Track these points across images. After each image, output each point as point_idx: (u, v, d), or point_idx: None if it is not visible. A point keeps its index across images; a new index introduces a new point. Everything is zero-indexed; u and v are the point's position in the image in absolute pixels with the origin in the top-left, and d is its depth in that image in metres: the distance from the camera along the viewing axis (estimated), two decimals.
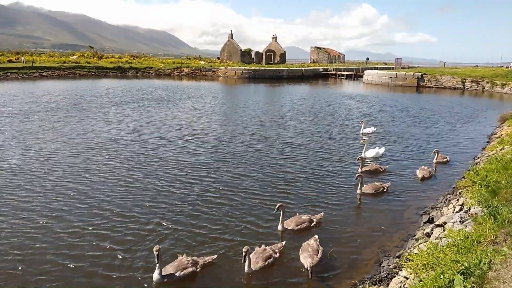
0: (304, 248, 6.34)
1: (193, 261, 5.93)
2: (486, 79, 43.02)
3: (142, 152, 12.87)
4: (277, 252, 6.36)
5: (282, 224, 7.44)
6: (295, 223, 7.49)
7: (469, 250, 4.69)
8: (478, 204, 6.49)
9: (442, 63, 71.68)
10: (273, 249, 6.41)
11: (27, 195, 8.79)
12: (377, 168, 11.38)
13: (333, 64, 79.05)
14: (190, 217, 7.86)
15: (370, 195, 9.30)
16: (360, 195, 9.28)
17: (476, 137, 16.91)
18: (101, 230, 7.19)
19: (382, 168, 11.41)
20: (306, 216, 7.69)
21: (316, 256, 6.08)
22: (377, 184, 9.60)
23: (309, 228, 7.48)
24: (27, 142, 13.74)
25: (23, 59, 51.40)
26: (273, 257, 6.25)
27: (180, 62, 67.44)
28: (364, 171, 10.85)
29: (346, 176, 10.84)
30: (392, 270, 5.62)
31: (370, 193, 9.33)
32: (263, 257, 6.14)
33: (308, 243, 6.46)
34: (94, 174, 10.44)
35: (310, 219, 7.61)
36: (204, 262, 6.07)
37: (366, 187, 9.44)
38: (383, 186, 9.58)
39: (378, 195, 9.34)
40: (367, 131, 17.15)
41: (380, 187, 9.50)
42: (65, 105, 22.94)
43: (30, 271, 5.81)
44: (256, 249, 6.37)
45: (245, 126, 18.15)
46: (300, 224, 7.49)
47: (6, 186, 9.30)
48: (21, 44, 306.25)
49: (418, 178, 10.67)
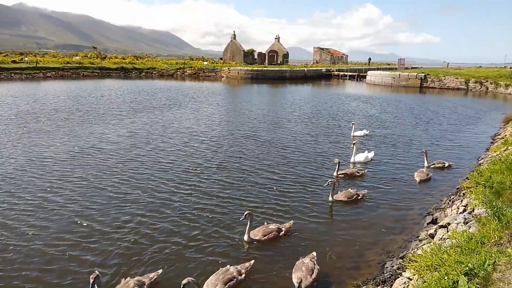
0: (298, 266, 5.76)
1: (139, 282, 5.33)
2: (490, 79, 42.86)
3: (132, 157, 12.49)
4: (242, 273, 5.60)
5: (249, 234, 6.86)
6: (262, 233, 6.94)
7: (473, 251, 4.68)
8: (482, 205, 6.46)
9: (446, 64, 71.41)
10: (239, 269, 5.62)
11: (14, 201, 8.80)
12: (354, 172, 10.87)
13: (336, 65, 78.95)
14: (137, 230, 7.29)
15: (343, 202, 8.78)
16: (332, 202, 8.79)
17: (480, 138, 16.85)
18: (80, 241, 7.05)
19: (360, 173, 10.92)
20: (274, 225, 7.19)
21: (309, 276, 5.52)
22: (351, 191, 9.04)
23: (277, 237, 6.96)
24: (25, 144, 13.80)
25: (27, 59, 51.60)
26: (237, 279, 5.47)
27: (183, 62, 67.50)
28: (339, 175, 10.62)
29: None
30: (396, 271, 5.61)
31: (343, 201, 8.79)
32: (223, 279, 5.39)
33: (303, 261, 5.85)
34: (81, 179, 10.44)
35: (278, 228, 7.09)
36: (150, 281, 5.45)
37: (339, 194, 8.95)
38: (358, 194, 9.02)
39: (353, 202, 8.84)
40: (358, 134, 16.52)
41: (354, 194, 8.93)
42: (67, 107, 23.04)
43: None
44: (219, 270, 5.63)
45: (242, 129, 17.66)
46: (268, 234, 6.95)
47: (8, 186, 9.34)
48: (24, 45, 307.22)
49: (416, 181, 10.52)
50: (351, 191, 9.07)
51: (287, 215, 8.16)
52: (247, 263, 5.92)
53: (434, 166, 11.76)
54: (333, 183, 8.83)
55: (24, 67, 47.05)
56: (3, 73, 43.54)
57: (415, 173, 10.85)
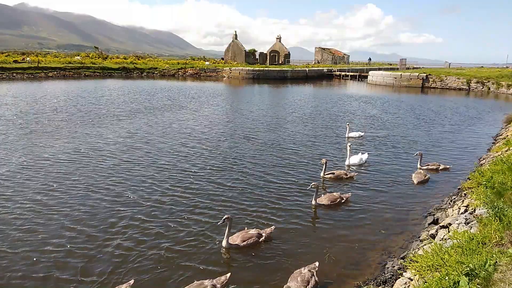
0: (294, 276, 5.48)
1: None
2: (491, 80, 42.78)
3: (129, 158, 12.52)
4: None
5: (227, 240, 6.60)
6: (241, 239, 6.67)
7: (474, 251, 4.66)
8: (484, 206, 6.44)
9: (447, 64, 71.33)
10: (214, 283, 5.29)
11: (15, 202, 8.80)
12: (341, 174, 10.56)
13: (337, 65, 78.91)
14: None
15: (326, 206, 8.55)
16: (316, 206, 8.57)
17: (481, 138, 16.80)
18: None
19: (348, 175, 10.61)
20: (254, 231, 6.91)
21: None
22: (335, 194, 8.82)
23: (257, 243, 6.74)
24: (23, 145, 13.82)
25: (29, 59, 51.75)
26: None
27: (185, 62, 67.61)
28: (326, 177, 10.42)
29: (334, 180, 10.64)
30: (397, 271, 5.59)
31: (326, 205, 8.55)
32: None
33: (300, 271, 5.55)
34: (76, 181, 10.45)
35: (258, 233, 6.84)
36: None
37: (322, 197, 8.70)
38: (341, 197, 8.79)
39: (336, 206, 8.63)
40: (353, 136, 16.02)
41: (337, 197, 8.71)
42: (67, 107, 23.08)
43: None
44: (193, 283, 5.33)
45: (240, 131, 17.32)
46: (247, 239, 6.69)
47: None
48: (26, 45, 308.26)
49: (413, 183, 10.39)
50: (335, 194, 8.85)
51: (275, 217, 8.02)
52: (223, 276, 5.54)
53: (427, 168, 11.52)
54: (317, 186, 8.53)
55: (26, 67, 47.19)
56: (5, 73, 43.66)
57: (413, 175, 10.76)
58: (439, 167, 11.66)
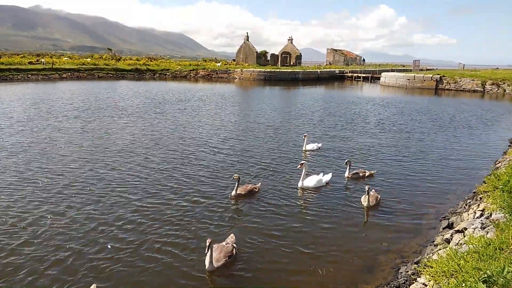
0: None
1: None
2: (507, 81, 42.02)
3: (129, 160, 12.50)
4: None
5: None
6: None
7: (491, 257, 4.54)
8: (500, 210, 6.30)
9: (461, 65, 70.36)
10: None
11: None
12: (252, 189, 9.36)
13: (349, 66, 78.45)
14: None
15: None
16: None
17: (497, 141, 16.51)
18: None
19: (257, 189, 9.50)
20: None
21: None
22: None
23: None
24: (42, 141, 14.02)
25: (43, 61, 52.50)
26: None
27: (196, 64, 67.90)
28: (238, 194, 9.11)
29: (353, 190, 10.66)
30: (410, 277, 5.50)
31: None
32: None
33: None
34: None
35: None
36: None
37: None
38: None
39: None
40: (310, 148, 13.87)
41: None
42: (81, 107, 23.32)
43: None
44: None
45: (246, 136, 16.46)
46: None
47: None
48: (41, 46, 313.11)
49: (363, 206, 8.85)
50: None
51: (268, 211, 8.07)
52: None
53: (354, 177, 10.74)
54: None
55: (41, 68, 47.87)
56: (20, 74, 44.39)
57: (361, 197, 9.09)
58: (365, 174, 10.92)
